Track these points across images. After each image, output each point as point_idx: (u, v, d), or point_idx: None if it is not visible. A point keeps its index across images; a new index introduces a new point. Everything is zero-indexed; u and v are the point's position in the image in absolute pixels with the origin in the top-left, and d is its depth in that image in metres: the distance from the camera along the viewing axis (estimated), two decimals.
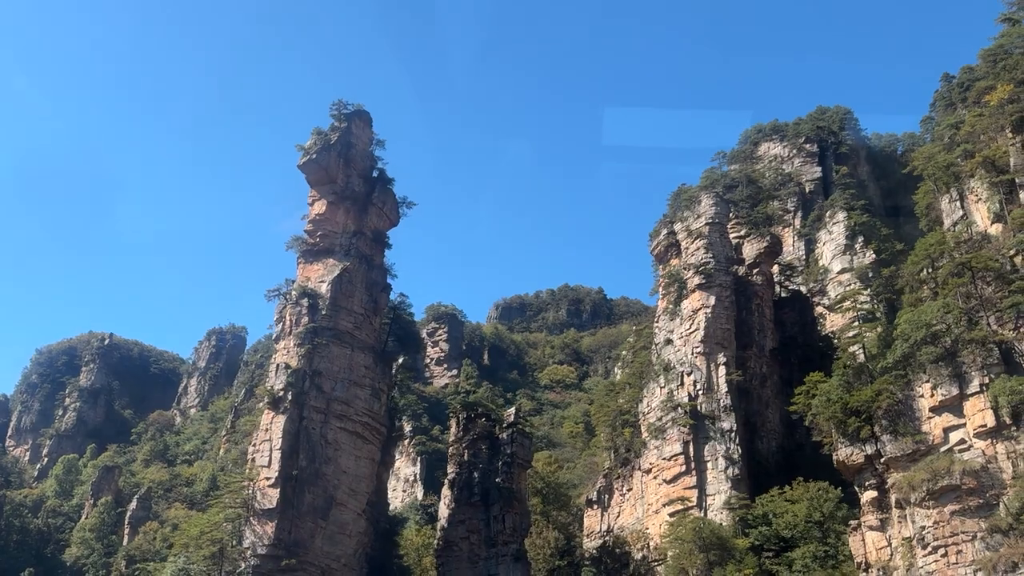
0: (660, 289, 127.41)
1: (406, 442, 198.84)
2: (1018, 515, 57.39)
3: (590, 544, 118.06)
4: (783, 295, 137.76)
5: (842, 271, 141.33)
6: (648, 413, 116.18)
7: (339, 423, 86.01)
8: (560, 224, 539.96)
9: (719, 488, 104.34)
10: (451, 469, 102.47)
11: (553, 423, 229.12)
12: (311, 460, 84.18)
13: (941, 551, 61.25)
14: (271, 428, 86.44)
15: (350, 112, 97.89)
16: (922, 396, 66.02)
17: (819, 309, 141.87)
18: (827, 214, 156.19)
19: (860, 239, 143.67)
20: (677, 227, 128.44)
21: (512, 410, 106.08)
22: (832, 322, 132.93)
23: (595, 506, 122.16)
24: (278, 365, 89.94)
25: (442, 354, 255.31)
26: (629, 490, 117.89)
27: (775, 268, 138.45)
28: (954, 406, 63.89)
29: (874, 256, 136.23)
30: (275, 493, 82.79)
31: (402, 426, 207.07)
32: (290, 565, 79.38)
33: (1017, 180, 68.56)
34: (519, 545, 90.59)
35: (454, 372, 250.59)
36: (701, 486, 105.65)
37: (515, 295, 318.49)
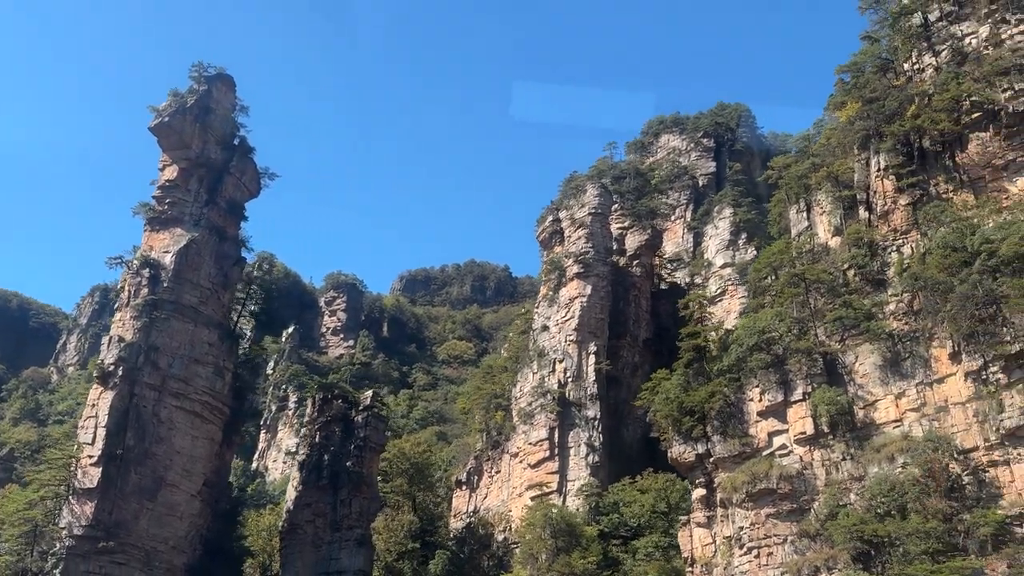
0: (542, 275, 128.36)
1: (290, 413, 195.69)
2: (826, 521, 59.93)
3: (457, 525, 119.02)
4: (662, 287, 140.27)
5: (724, 265, 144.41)
6: (520, 398, 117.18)
7: (175, 401, 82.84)
8: (472, 198, 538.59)
9: (579, 474, 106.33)
10: (302, 450, 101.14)
11: (447, 399, 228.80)
12: (140, 439, 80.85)
13: (755, 552, 63.70)
14: (98, 404, 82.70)
15: (212, 75, 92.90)
16: (751, 400, 68.12)
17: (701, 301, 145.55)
18: (715, 209, 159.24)
19: (744, 235, 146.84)
20: (562, 214, 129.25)
21: (368, 393, 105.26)
22: (711, 315, 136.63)
23: (464, 487, 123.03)
24: (111, 338, 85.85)
25: (339, 324, 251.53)
26: (497, 472, 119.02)
27: (657, 260, 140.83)
28: (779, 412, 66.16)
29: (755, 252, 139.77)
30: (96, 472, 79.41)
31: (287, 396, 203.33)
32: (108, 547, 76.43)
33: (858, 196, 70.89)
34: (364, 530, 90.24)
35: (350, 343, 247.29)
36: (563, 472, 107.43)
37: (420, 268, 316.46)
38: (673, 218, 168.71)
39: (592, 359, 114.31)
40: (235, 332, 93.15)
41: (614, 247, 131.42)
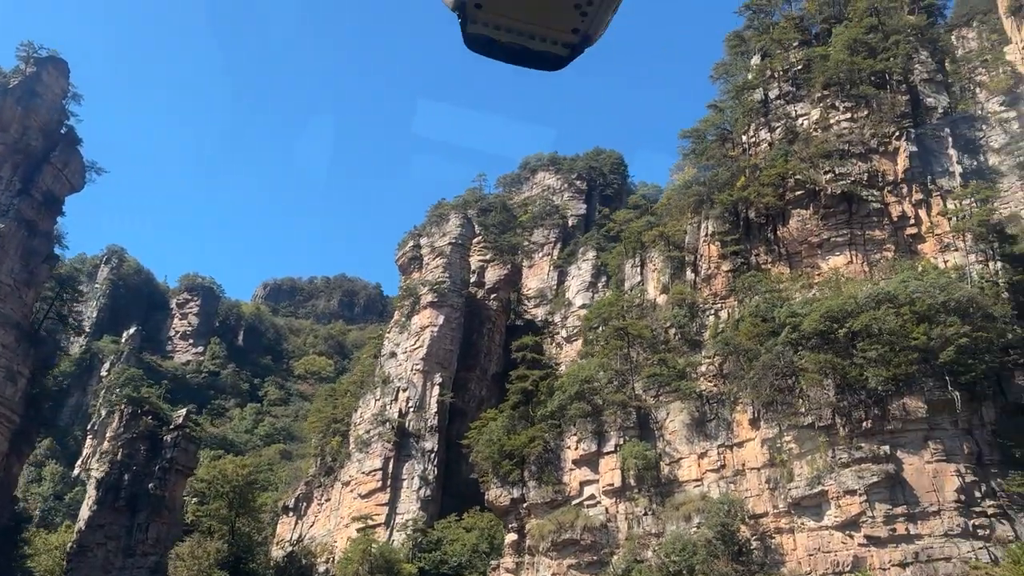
0: (396, 301, 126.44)
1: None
2: (623, 575, 60.64)
3: (278, 553, 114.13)
4: (519, 323, 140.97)
5: (582, 307, 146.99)
6: (359, 424, 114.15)
7: None
8: (358, 211, 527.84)
9: (409, 508, 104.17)
10: (100, 467, 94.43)
11: (298, 416, 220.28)
12: None
13: None
14: None
15: (43, 57, 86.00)
16: (569, 448, 68.66)
17: (558, 339, 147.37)
18: (580, 250, 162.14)
19: (604, 279, 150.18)
20: (423, 241, 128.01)
21: (182, 412, 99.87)
22: (566, 354, 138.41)
23: (291, 513, 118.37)
24: None
25: (189, 328, 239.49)
26: (327, 500, 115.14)
27: (516, 295, 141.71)
28: (592, 462, 66.88)
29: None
30: None
31: (119, 402, 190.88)
32: None
33: (686, 258, 73.26)
34: (160, 557, 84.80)
35: (200, 349, 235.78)
36: (393, 504, 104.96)
37: (287, 277, 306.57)
38: (540, 255, 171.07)
39: (436, 390, 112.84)
40: (38, 335, 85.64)
41: (473, 279, 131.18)
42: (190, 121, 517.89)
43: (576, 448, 67.69)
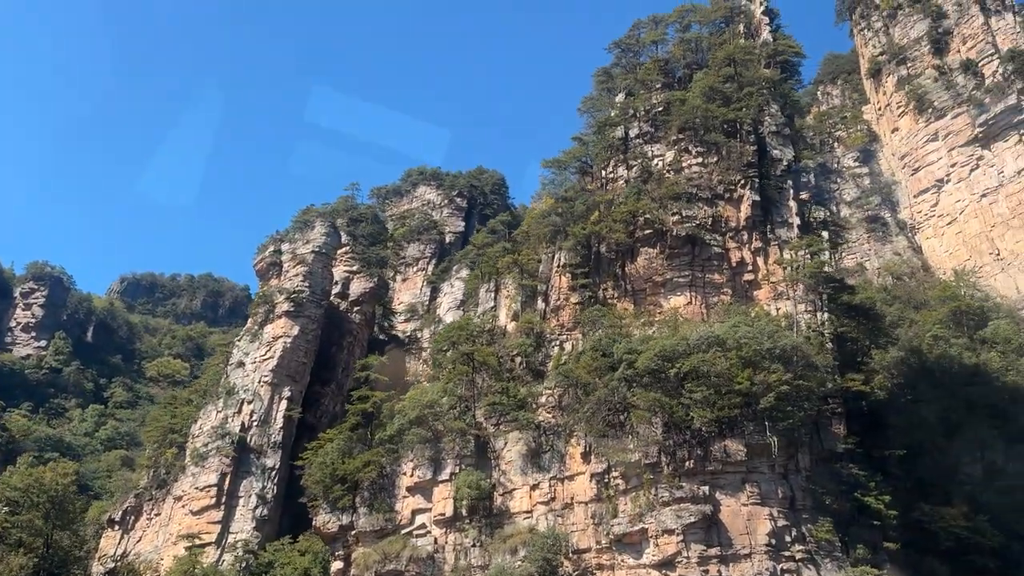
0: (251, 308, 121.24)
1: None
2: None
3: (100, 569, 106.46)
4: (382, 337, 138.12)
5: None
6: (198, 436, 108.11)
7: None
8: (234, 204, 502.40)
9: (243, 527, 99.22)
10: None
11: (145, 420, 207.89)
12: None
13: None
14: None
15: None
16: (404, 474, 66.84)
17: (424, 356, 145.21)
18: (454, 267, 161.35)
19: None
20: (285, 247, 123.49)
21: None
22: (426, 371, 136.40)
23: (117, 527, 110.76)
24: None
25: (33, 320, 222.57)
26: (157, 515, 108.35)
27: (382, 309, 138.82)
28: (426, 490, 65.37)
29: None
30: None
31: None
32: None
33: (539, 287, 73.24)
34: None
35: (43, 343, 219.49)
36: (226, 523, 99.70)
37: (148, 272, 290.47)
38: (415, 269, 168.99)
39: (284, 404, 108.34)
40: None
41: (336, 290, 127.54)
42: (54, 93, 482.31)
43: (411, 475, 66.00)
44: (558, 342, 68.51)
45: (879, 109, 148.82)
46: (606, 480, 58.64)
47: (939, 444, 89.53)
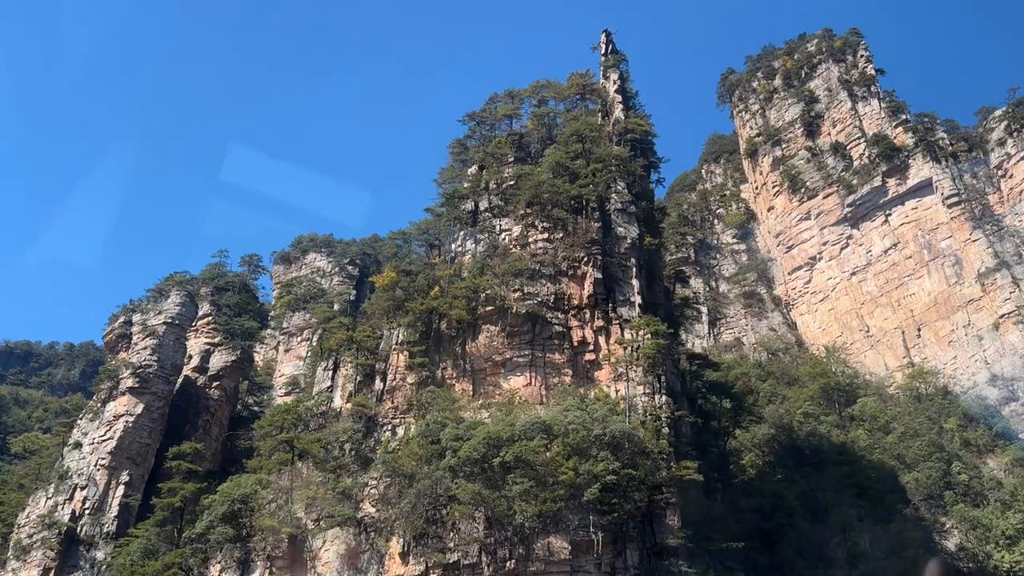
0: (95, 384, 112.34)
1: None
2: None
3: None
4: (244, 414, 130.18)
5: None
6: (23, 526, 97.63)
7: None
8: (146, 262, 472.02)
9: None
10: None
11: None
12: None
13: None
14: None
15: None
16: None
17: None
18: None
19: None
20: (136, 317, 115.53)
21: None
22: None
23: None
24: None
25: None
26: None
27: (246, 383, 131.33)
28: None
29: None
30: None
31: None
32: None
33: (377, 366, 68.87)
34: None
35: None
36: None
37: (23, 340, 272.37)
38: (300, 339, 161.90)
39: (122, 490, 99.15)
40: None
41: (195, 363, 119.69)
42: None
43: None
44: (390, 426, 63.85)
45: (756, 188, 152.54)
46: None
47: (801, 527, 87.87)
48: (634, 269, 68.22)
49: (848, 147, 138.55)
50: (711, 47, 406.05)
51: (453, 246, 74.56)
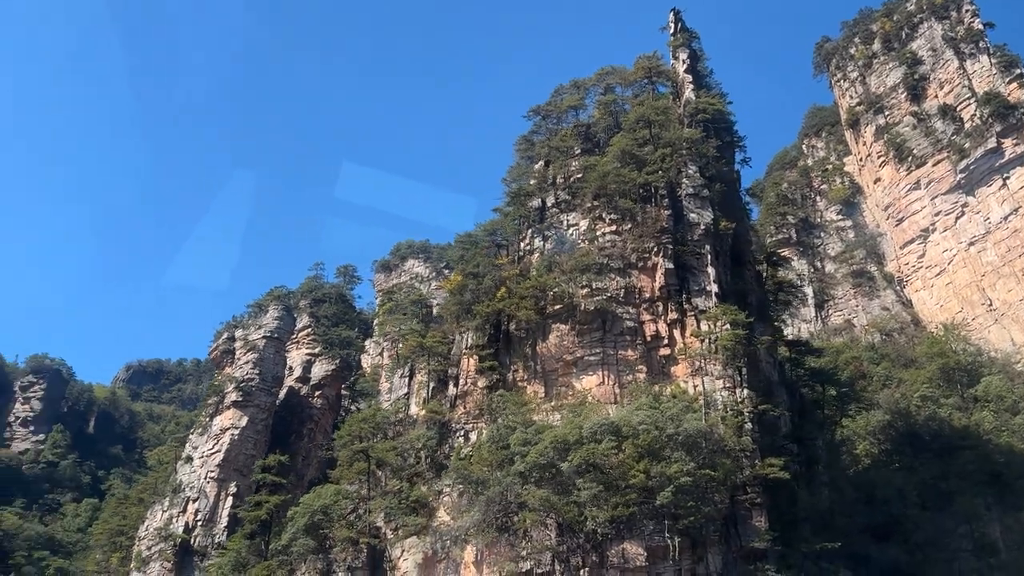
0: (204, 400, 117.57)
1: None
2: None
3: None
4: None
5: None
6: (143, 538, 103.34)
7: None
8: (258, 284, 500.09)
9: None
10: None
11: (95, 523, 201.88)
12: None
13: None
14: None
15: None
16: None
17: None
18: None
19: None
20: (238, 333, 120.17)
21: None
22: None
23: None
24: None
25: (31, 413, 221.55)
26: None
27: (349, 391, 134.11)
28: None
29: None
30: None
31: None
32: None
33: (449, 372, 68.20)
34: None
35: (40, 437, 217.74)
36: None
37: (154, 359, 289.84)
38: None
39: (230, 501, 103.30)
40: None
41: (297, 374, 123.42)
42: (90, 184, 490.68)
43: None
44: (463, 432, 63.02)
45: (860, 160, 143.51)
46: None
47: (919, 519, 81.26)
48: (709, 256, 64.64)
49: (958, 109, 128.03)
50: (803, 17, 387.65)
51: (522, 245, 73.00)
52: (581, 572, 50.10)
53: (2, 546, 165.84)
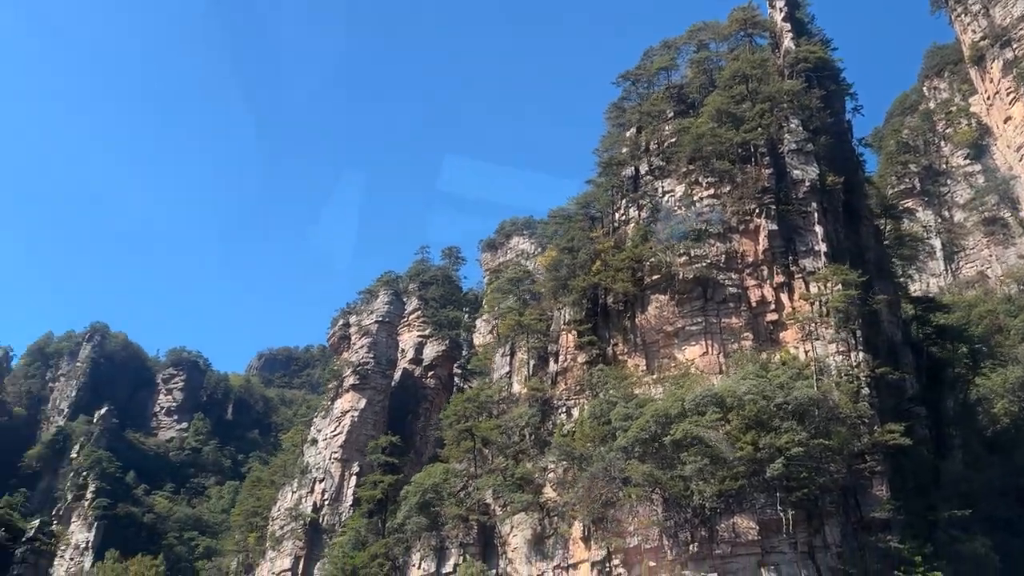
0: (324, 384, 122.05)
1: (86, 504, 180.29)
2: None
3: None
4: None
5: None
6: (276, 518, 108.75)
7: None
8: (370, 274, 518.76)
9: None
10: None
11: (234, 504, 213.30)
12: None
13: None
14: None
15: None
16: (413, 566, 62.53)
17: None
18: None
19: None
20: (352, 319, 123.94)
21: (35, 523, 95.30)
22: None
23: None
24: None
25: (174, 403, 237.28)
26: None
27: (461, 370, 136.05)
28: None
29: None
30: None
31: (86, 484, 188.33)
32: None
33: (549, 348, 67.69)
34: None
35: (184, 425, 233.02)
36: None
37: (283, 347, 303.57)
38: None
39: (354, 480, 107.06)
40: None
41: (410, 356, 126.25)
42: (210, 188, 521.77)
43: (419, 567, 61.61)
44: (565, 408, 62.49)
45: (988, 99, 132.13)
46: (608, 569, 51.80)
47: None
48: (816, 215, 61.08)
49: None
50: None
51: (616, 216, 71.29)
52: (690, 547, 48.81)
53: (155, 528, 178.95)
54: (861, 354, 54.60)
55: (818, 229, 60.60)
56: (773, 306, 59.64)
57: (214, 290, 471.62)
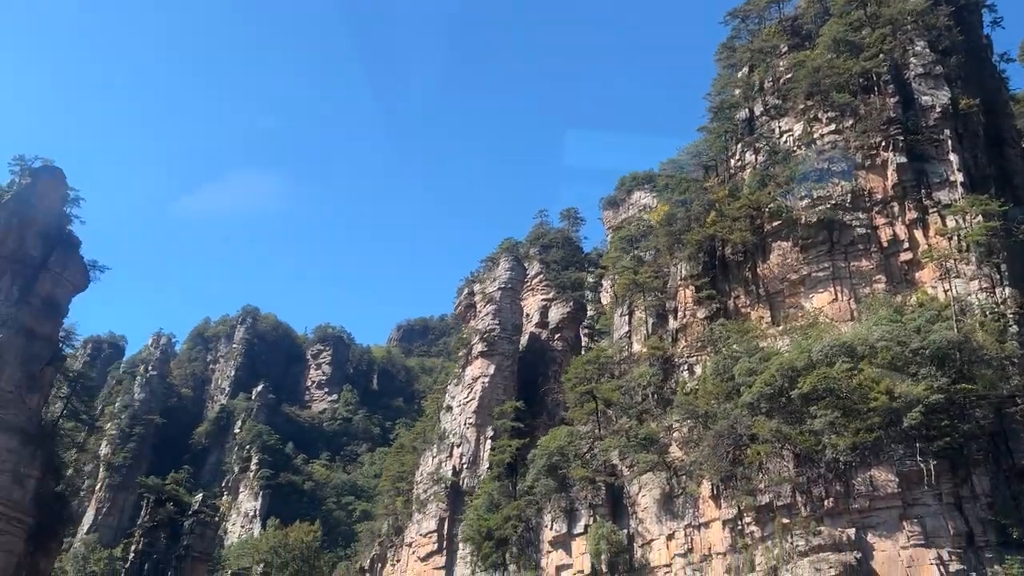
0: (455, 352, 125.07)
1: (251, 475, 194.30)
2: None
3: None
4: None
5: None
6: (420, 482, 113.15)
7: None
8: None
9: (464, 572, 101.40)
10: (131, 557, 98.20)
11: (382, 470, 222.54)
12: None
13: None
14: None
15: (36, 168, 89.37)
16: (546, 527, 63.49)
17: None
18: None
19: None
20: (477, 288, 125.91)
21: (199, 497, 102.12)
22: None
23: (368, 575, 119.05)
24: None
25: (324, 377, 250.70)
26: (398, 561, 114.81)
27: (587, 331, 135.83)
28: (566, 544, 61.53)
29: None
30: None
31: (250, 457, 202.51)
32: None
33: (667, 305, 66.16)
34: None
35: (334, 397, 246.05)
36: (449, 568, 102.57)
37: (419, 317, 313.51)
38: None
39: (489, 444, 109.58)
40: (52, 434, 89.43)
41: (536, 320, 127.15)
42: (345, 173, 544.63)
43: (551, 528, 62.48)
44: (686, 366, 61.06)
45: None
46: (740, 527, 50.62)
47: None
48: (949, 142, 56.18)
49: None
50: None
51: (731, 162, 68.33)
52: (825, 503, 46.87)
53: (315, 494, 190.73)
54: (1008, 289, 50.18)
55: (953, 158, 55.79)
56: (906, 245, 55.67)
57: (351, 270, 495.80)
